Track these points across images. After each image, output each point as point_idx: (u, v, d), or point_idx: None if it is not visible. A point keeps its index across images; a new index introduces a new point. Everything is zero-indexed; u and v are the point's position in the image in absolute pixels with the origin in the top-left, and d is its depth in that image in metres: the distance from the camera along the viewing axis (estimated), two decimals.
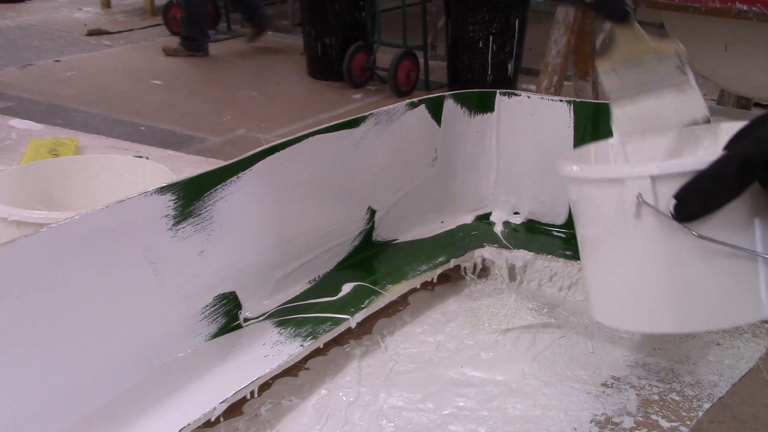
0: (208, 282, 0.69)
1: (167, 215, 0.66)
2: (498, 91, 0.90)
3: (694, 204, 0.56)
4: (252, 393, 0.63)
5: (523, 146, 0.89)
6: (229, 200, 0.70)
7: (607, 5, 0.68)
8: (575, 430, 0.62)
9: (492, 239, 0.87)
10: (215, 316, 0.70)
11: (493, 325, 0.76)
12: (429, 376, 0.69)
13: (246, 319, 0.72)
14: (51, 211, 0.77)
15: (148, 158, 1.05)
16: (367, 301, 0.74)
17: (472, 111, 0.90)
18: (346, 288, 0.77)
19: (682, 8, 1.89)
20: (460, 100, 0.89)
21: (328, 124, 0.78)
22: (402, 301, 0.80)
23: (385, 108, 0.83)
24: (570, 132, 0.85)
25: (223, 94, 3.82)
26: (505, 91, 0.90)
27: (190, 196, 0.67)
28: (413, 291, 0.80)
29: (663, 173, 0.57)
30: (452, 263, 0.83)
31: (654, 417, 0.63)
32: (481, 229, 0.90)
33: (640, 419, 0.63)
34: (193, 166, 1.09)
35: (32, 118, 1.37)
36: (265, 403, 0.65)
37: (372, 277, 0.79)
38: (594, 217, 0.63)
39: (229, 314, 0.71)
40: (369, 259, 0.84)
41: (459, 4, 3.60)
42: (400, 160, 0.86)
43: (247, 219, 0.72)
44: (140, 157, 0.99)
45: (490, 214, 0.93)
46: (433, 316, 0.79)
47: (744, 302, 0.58)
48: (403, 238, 0.88)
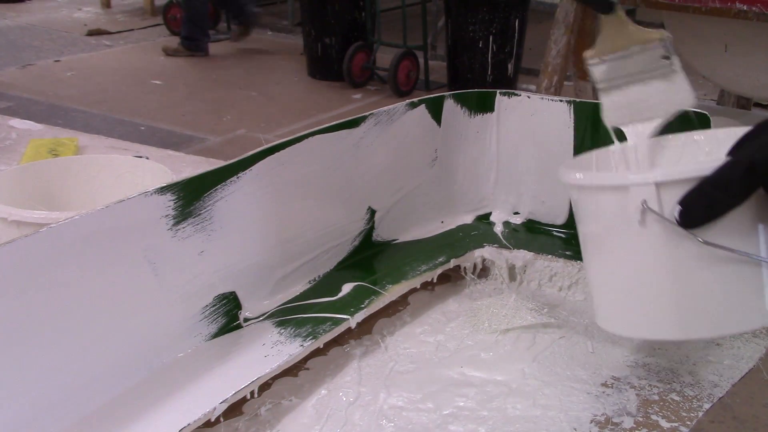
0: (208, 282, 0.69)
1: (167, 215, 0.66)
2: (498, 91, 0.90)
3: (700, 210, 0.55)
4: (252, 393, 0.63)
5: (523, 146, 0.89)
6: (229, 200, 0.70)
7: None
8: (575, 430, 0.62)
9: (492, 239, 0.87)
10: (215, 316, 0.70)
11: (493, 325, 0.76)
12: (429, 376, 0.69)
13: (246, 319, 0.72)
14: (51, 211, 0.77)
15: (148, 158, 1.05)
16: (367, 301, 0.74)
17: (472, 111, 0.90)
18: (346, 288, 0.77)
19: (682, 8, 1.89)
20: (460, 100, 0.89)
21: (328, 124, 0.78)
22: (402, 301, 0.80)
23: (385, 108, 0.83)
24: (570, 132, 0.85)
25: (223, 94, 3.82)
26: (505, 91, 0.90)
27: (190, 196, 0.67)
28: (413, 291, 0.80)
29: (667, 179, 0.56)
30: (452, 263, 0.83)
31: (654, 417, 0.63)
32: (481, 229, 0.90)
33: (640, 419, 0.63)
34: (193, 166, 1.09)
35: (32, 118, 1.37)
36: (265, 403, 0.65)
37: (372, 277, 0.79)
38: (598, 225, 0.63)
39: (229, 314, 0.71)
40: (369, 259, 0.84)
41: (459, 4, 3.60)
42: (400, 160, 0.86)
43: (247, 219, 0.72)
44: (140, 157, 0.99)
45: (490, 214, 0.93)
46: (433, 316, 0.79)
47: (749, 308, 0.58)
48: (403, 238, 0.88)
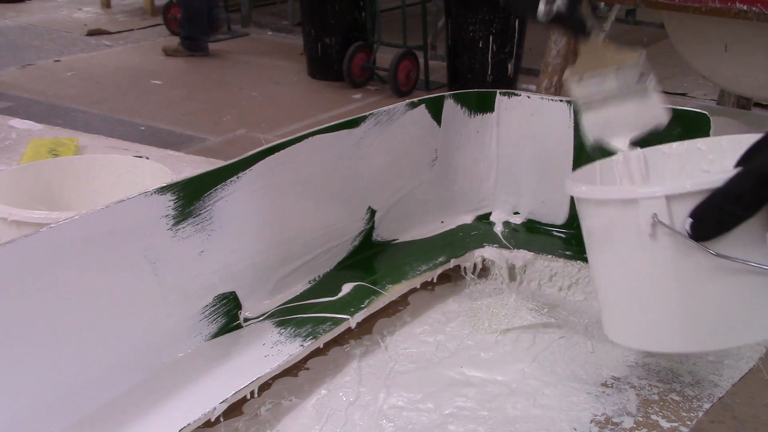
0: (208, 282, 0.69)
1: (167, 215, 0.66)
2: (498, 91, 0.90)
3: (711, 222, 0.55)
4: (252, 393, 0.63)
5: (523, 146, 0.89)
6: (229, 200, 0.70)
7: (568, 22, 0.71)
8: (575, 430, 0.62)
9: (492, 239, 0.87)
10: (215, 316, 0.70)
11: (493, 325, 0.76)
12: (429, 376, 0.69)
13: (246, 319, 0.72)
14: (51, 211, 0.77)
15: (148, 158, 1.05)
16: (367, 301, 0.74)
17: (472, 111, 0.90)
18: (346, 288, 0.77)
19: (682, 8, 1.89)
20: (460, 100, 0.89)
21: (328, 124, 0.78)
22: (402, 301, 0.80)
23: (385, 108, 0.83)
24: (570, 132, 0.85)
25: (223, 94, 3.82)
26: (505, 91, 0.90)
27: (190, 196, 0.67)
28: (413, 291, 0.80)
29: (678, 192, 0.56)
30: (452, 263, 0.83)
31: (654, 417, 0.63)
32: (481, 229, 0.90)
33: (640, 419, 0.63)
34: (193, 166, 1.09)
35: (32, 118, 1.37)
36: (265, 403, 0.65)
37: (372, 277, 0.79)
38: (606, 238, 0.62)
39: (229, 314, 0.71)
40: (369, 259, 0.84)
41: (459, 4, 3.60)
42: (400, 160, 0.86)
43: (247, 219, 0.72)
44: (140, 157, 0.99)
45: (490, 214, 0.93)
46: (433, 316, 0.79)
47: (759, 319, 0.58)
48: (403, 238, 0.88)
